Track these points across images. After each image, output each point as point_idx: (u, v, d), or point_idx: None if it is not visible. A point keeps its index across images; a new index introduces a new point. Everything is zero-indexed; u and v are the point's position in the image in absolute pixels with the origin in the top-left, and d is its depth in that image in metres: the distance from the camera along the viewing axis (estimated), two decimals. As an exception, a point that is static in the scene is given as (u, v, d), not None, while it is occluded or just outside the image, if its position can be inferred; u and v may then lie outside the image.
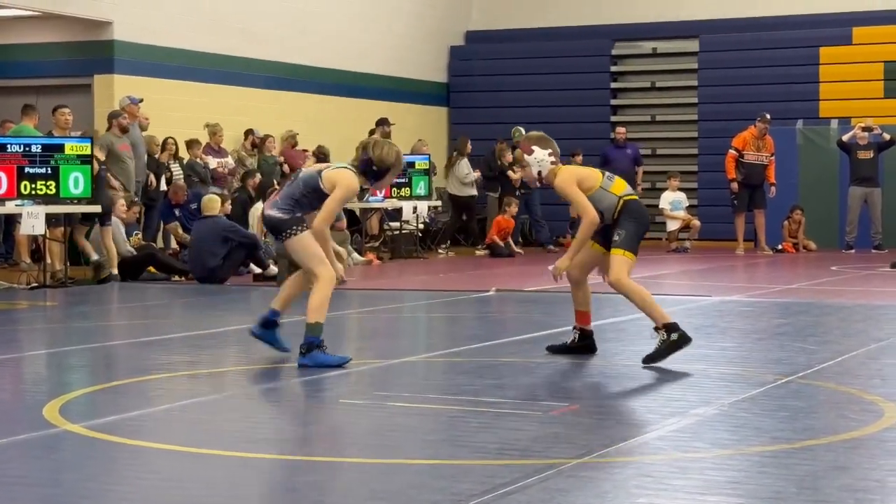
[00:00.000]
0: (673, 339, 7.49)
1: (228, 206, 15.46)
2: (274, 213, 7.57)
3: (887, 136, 19.35)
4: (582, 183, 7.62)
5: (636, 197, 7.77)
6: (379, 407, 6.32)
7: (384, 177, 7.72)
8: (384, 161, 7.60)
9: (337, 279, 7.68)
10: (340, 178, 7.51)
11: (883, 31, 21.16)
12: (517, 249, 19.20)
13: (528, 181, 7.83)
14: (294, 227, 7.53)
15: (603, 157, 20.97)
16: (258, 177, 17.09)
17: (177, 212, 16.20)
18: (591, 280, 7.99)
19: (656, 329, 7.57)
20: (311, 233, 7.55)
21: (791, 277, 15.07)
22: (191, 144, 16.99)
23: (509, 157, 19.42)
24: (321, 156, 19.18)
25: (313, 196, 7.55)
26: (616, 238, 7.58)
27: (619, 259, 7.54)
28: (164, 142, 16.72)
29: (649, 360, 7.46)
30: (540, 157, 7.71)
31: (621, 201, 7.60)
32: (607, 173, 7.78)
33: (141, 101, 15.92)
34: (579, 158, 20.67)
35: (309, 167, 8.13)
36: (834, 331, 9.66)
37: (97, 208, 14.60)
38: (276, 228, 7.59)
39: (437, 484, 4.70)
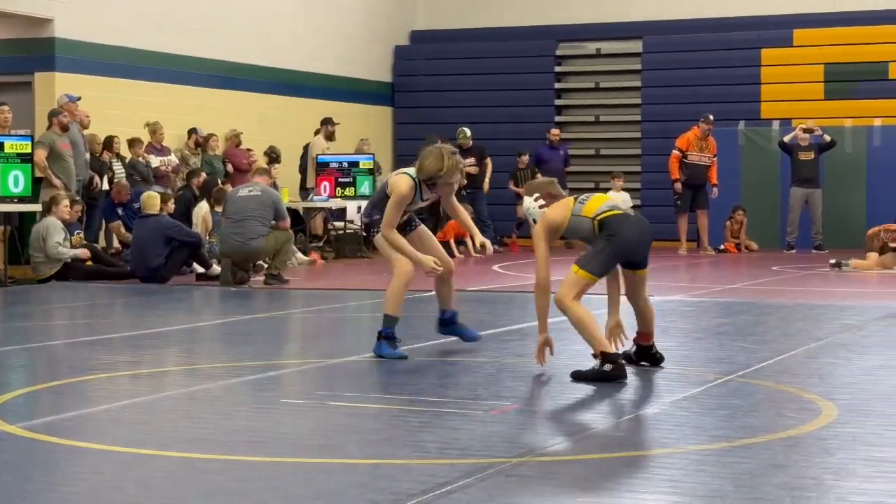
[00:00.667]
0: (605, 369, 6.97)
1: (172, 205, 15.37)
2: (365, 216, 8.19)
3: (828, 138, 19.55)
4: (555, 226, 7.36)
5: (618, 212, 7.32)
6: (321, 407, 6.32)
7: (437, 184, 7.86)
8: (426, 171, 7.81)
9: (431, 269, 7.94)
10: (395, 185, 7.85)
11: (823, 33, 21.38)
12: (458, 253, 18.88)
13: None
14: (376, 228, 8.00)
15: (537, 158, 21.04)
16: (203, 176, 17.00)
17: (119, 210, 16.08)
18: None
19: (593, 355, 7.17)
20: (379, 236, 7.96)
21: (733, 277, 15.20)
22: (133, 143, 16.87)
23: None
24: (273, 156, 19.12)
25: (385, 200, 7.93)
26: (581, 255, 7.39)
27: (571, 278, 7.20)
28: (108, 140, 16.59)
29: (576, 376, 7.10)
30: (527, 206, 7.55)
31: (595, 222, 7.27)
32: (580, 197, 7.46)
33: (79, 99, 15.77)
34: (525, 158, 20.72)
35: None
36: (774, 330, 9.75)
37: (37, 207, 14.48)
38: (367, 227, 8.19)
39: (378, 484, 4.70)
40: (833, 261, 15.86)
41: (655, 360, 7.60)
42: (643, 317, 7.59)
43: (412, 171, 7.93)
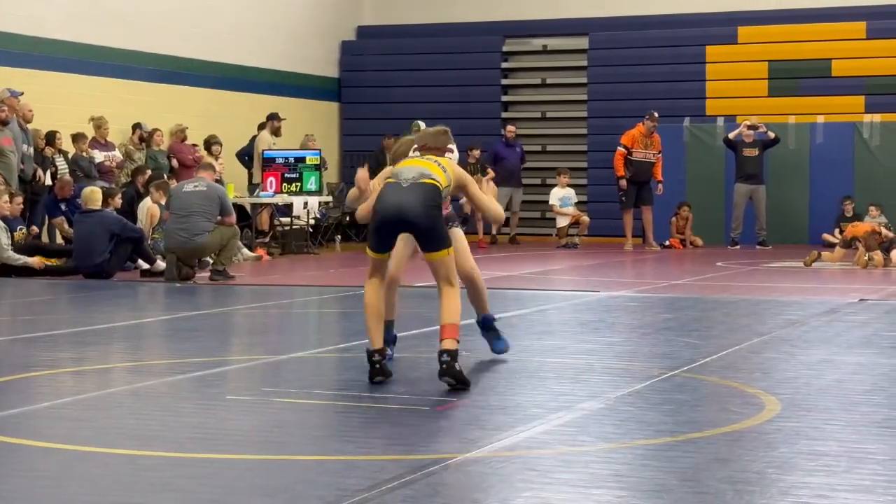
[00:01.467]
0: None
1: (119, 201, 15.26)
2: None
3: (772, 135, 19.70)
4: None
5: (391, 180, 6.86)
6: (266, 403, 6.29)
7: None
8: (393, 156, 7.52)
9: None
10: (460, 172, 7.17)
11: (768, 30, 21.54)
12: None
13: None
14: (454, 221, 7.59)
15: (494, 155, 21.09)
16: (148, 173, 16.88)
17: (62, 206, 15.93)
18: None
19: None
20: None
21: (677, 273, 15.29)
22: (77, 138, 16.71)
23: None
24: (210, 143, 18.97)
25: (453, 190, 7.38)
26: None
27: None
28: (50, 135, 16.43)
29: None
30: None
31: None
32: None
33: (21, 94, 15.60)
34: (476, 153, 20.70)
35: None
36: (718, 325, 9.82)
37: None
38: (447, 221, 7.43)
39: (323, 479, 4.69)
40: (807, 259, 15.82)
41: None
42: (442, 310, 6.76)
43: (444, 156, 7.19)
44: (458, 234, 7.44)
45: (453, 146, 7.33)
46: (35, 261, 14.17)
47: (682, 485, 4.57)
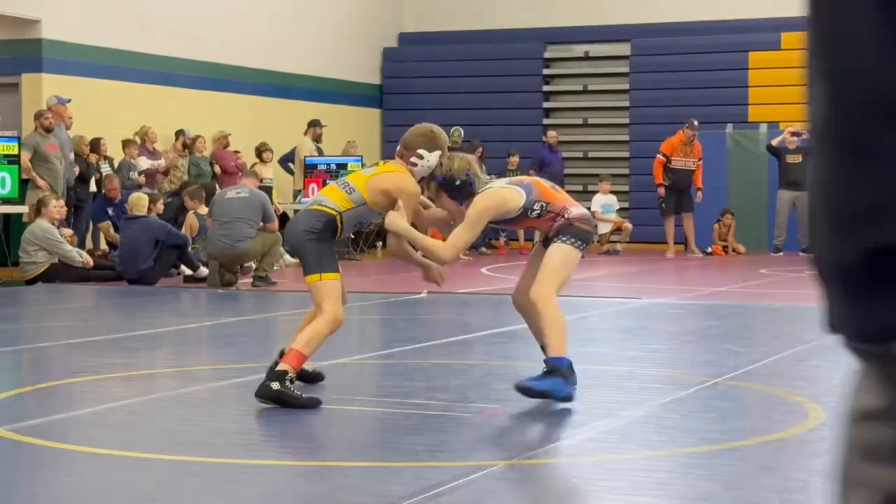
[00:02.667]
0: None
1: (161, 206, 15.35)
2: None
3: (815, 141, 19.58)
4: None
5: (333, 213, 6.44)
6: (308, 409, 6.30)
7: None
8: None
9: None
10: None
11: (811, 36, 21.43)
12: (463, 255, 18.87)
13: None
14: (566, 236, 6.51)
15: (540, 161, 21.04)
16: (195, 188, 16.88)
17: (109, 211, 16.01)
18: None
19: None
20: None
21: (720, 280, 15.22)
22: (126, 144, 16.86)
23: None
24: (261, 151, 19.04)
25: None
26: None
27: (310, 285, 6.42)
28: (95, 142, 16.56)
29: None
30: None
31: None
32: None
33: (69, 101, 15.74)
34: (516, 159, 20.68)
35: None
36: (762, 333, 9.76)
37: (24, 208, 14.45)
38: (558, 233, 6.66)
39: (365, 486, 4.70)
40: None
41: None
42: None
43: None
44: (557, 249, 6.46)
45: (426, 152, 6.49)
46: (89, 259, 14.29)
47: (726, 493, 4.55)
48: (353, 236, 19.41)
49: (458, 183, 6.45)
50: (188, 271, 14.42)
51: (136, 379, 7.54)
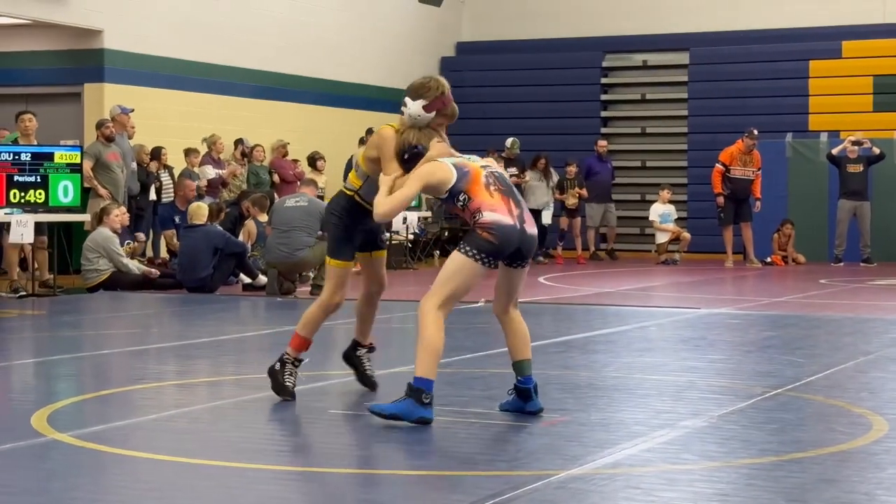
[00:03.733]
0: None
1: (223, 215, 15.47)
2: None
3: (877, 150, 19.39)
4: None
5: (350, 192, 6.65)
6: (368, 418, 6.31)
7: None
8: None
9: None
10: None
11: (872, 44, 21.23)
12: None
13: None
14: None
15: (587, 170, 20.99)
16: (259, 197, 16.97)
17: (176, 219, 16.10)
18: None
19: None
20: None
21: (780, 290, 15.10)
22: (189, 153, 17.00)
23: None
24: (314, 160, 19.13)
25: None
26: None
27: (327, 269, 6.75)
28: (155, 151, 16.71)
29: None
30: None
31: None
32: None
33: (132, 111, 15.90)
34: (573, 168, 20.63)
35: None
36: (822, 344, 9.67)
37: (86, 217, 14.61)
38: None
39: (425, 495, 4.70)
40: None
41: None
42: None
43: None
44: (452, 257, 6.19)
45: (410, 101, 6.56)
46: (150, 271, 14.41)
47: (789, 505, 4.51)
48: (410, 245, 19.45)
49: (406, 156, 6.34)
50: (247, 280, 14.50)
51: (197, 386, 7.59)
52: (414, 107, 6.48)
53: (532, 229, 6.21)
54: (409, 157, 6.35)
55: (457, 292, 6.11)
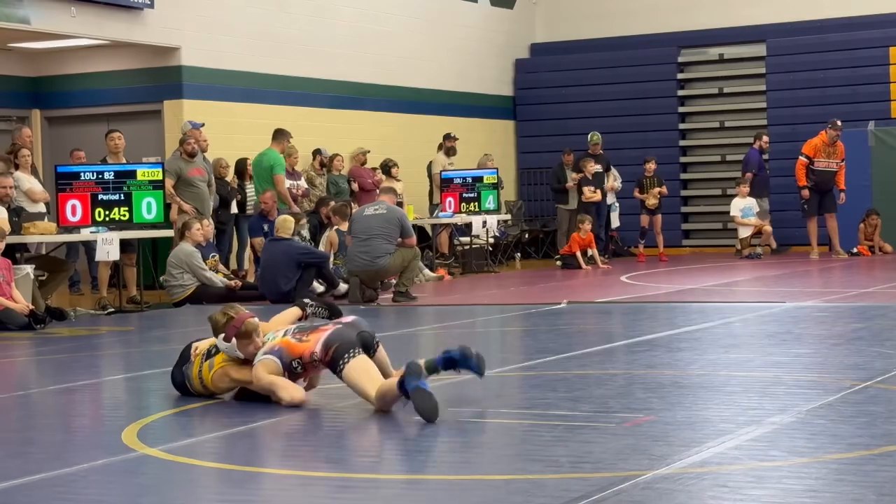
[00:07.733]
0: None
1: (306, 224, 15.58)
2: None
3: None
4: None
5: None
6: (453, 422, 6.33)
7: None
8: None
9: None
10: None
11: (953, 28, 20.90)
12: (602, 263, 18.73)
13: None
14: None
15: (758, 166, 20.36)
16: (332, 204, 17.13)
17: (265, 227, 16.22)
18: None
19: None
20: None
21: (867, 281, 14.90)
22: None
23: (590, 168, 19.28)
24: (387, 167, 19.20)
25: None
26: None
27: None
28: (241, 163, 16.88)
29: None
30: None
31: None
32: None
33: (202, 125, 16.04)
34: (651, 165, 20.48)
35: None
36: (911, 334, 9.53)
37: (170, 232, 14.79)
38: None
39: (512, 499, 4.70)
40: None
41: None
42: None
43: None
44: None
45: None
46: (233, 283, 14.56)
47: (881, 500, 4.45)
48: (490, 248, 19.45)
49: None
50: (320, 288, 14.49)
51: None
52: (221, 344, 7.25)
53: (353, 325, 7.05)
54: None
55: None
